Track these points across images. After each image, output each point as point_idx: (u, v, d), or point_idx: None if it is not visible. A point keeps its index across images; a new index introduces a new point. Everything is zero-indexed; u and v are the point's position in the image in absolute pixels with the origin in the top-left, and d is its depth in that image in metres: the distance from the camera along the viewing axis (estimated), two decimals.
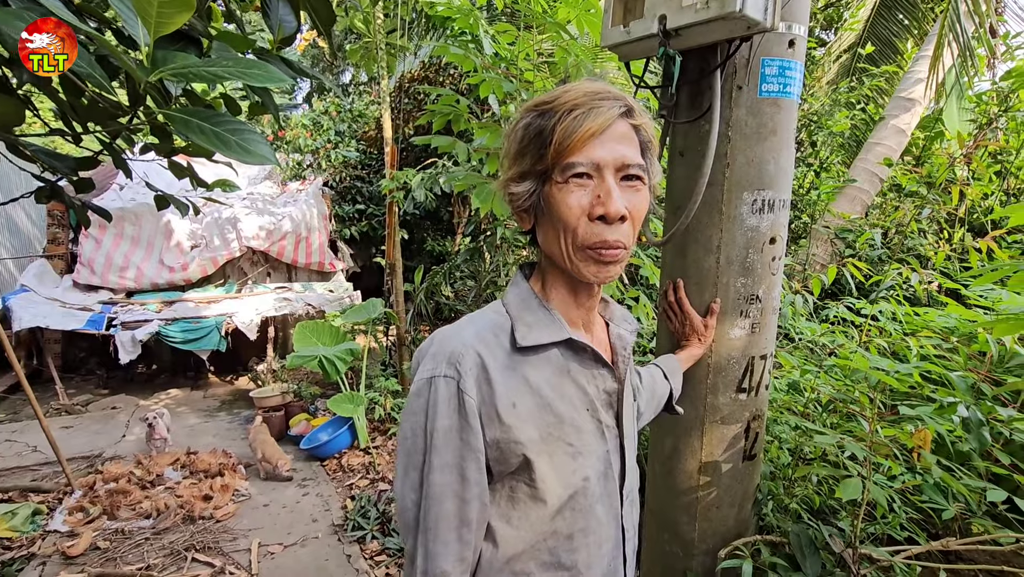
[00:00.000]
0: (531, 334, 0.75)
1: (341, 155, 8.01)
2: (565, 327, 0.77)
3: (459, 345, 0.73)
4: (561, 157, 0.70)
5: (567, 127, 0.69)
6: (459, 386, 0.70)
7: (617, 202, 0.70)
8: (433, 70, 6.86)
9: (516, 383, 0.73)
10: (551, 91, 0.75)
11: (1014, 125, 4.28)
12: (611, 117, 0.70)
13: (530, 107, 0.75)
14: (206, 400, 6.45)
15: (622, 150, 0.71)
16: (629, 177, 0.72)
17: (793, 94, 1.25)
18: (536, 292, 0.80)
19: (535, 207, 0.76)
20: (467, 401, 0.70)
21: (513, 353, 0.75)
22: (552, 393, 0.75)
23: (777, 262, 1.34)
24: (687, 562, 1.49)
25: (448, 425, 0.70)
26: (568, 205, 0.71)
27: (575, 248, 0.72)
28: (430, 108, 2.15)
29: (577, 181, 0.71)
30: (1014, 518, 1.64)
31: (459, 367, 0.71)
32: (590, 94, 0.71)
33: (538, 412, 0.74)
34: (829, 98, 5.69)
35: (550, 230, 0.74)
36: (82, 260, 6.47)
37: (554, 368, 0.76)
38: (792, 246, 4.56)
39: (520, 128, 0.75)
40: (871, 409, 1.49)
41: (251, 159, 0.74)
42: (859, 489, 1.26)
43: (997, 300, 2.01)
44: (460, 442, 0.70)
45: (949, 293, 3.04)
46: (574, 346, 0.78)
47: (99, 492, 3.65)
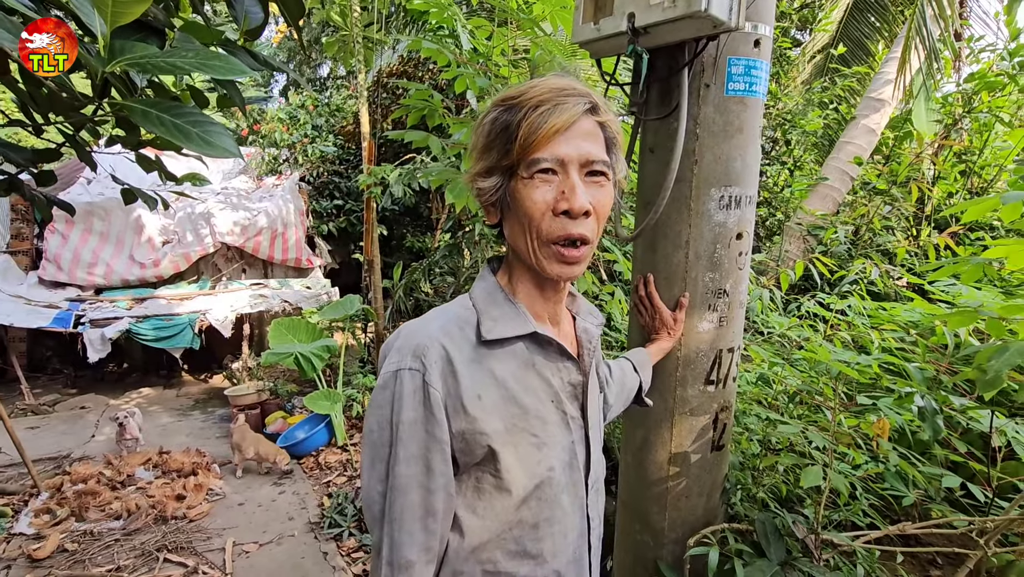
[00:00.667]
0: (496, 328, 0.76)
1: (318, 150, 7.91)
2: (530, 321, 0.78)
3: (424, 338, 0.73)
4: (526, 153, 0.71)
5: (532, 123, 0.70)
6: (424, 379, 0.71)
7: (581, 197, 0.71)
8: (412, 65, 6.80)
9: (481, 376, 0.74)
10: (518, 86, 0.76)
11: (977, 126, 4.42)
12: (576, 114, 0.71)
13: (497, 102, 0.76)
14: (179, 399, 6.33)
15: (587, 146, 0.72)
16: (594, 173, 0.73)
17: (759, 93, 1.28)
18: (502, 286, 0.80)
19: (501, 202, 0.77)
20: (432, 393, 0.71)
21: (479, 346, 0.75)
22: (517, 386, 0.76)
23: (744, 257, 1.37)
24: (657, 551, 1.52)
25: (413, 417, 0.71)
26: (533, 200, 0.72)
27: (540, 243, 0.73)
28: (404, 103, 2.14)
29: (542, 176, 0.71)
30: (969, 503, 1.71)
31: (424, 360, 0.71)
32: (556, 90, 0.72)
33: (503, 404, 0.75)
34: (803, 98, 5.81)
35: (516, 225, 0.75)
36: (48, 256, 6.28)
37: (519, 361, 0.77)
38: (767, 243, 4.66)
39: (487, 123, 0.75)
40: (835, 400, 1.54)
41: (213, 152, 0.73)
42: (820, 477, 1.30)
43: (957, 294, 2.09)
44: (425, 434, 0.71)
45: (916, 288, 3.14)
46: (539, 340, 0.79)
47: (67, 493, 3.56)
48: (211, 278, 7.16)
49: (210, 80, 0.96)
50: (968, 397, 1.84)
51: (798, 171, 5.05)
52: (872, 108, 4.44)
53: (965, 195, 4.43)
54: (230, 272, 7.31)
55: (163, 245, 6.79)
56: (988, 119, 4.25)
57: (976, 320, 1.24)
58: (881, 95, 4.40)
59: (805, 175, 4.91)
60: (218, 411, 5.76)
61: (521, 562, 0.76)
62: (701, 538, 1.42)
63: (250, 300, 6.47)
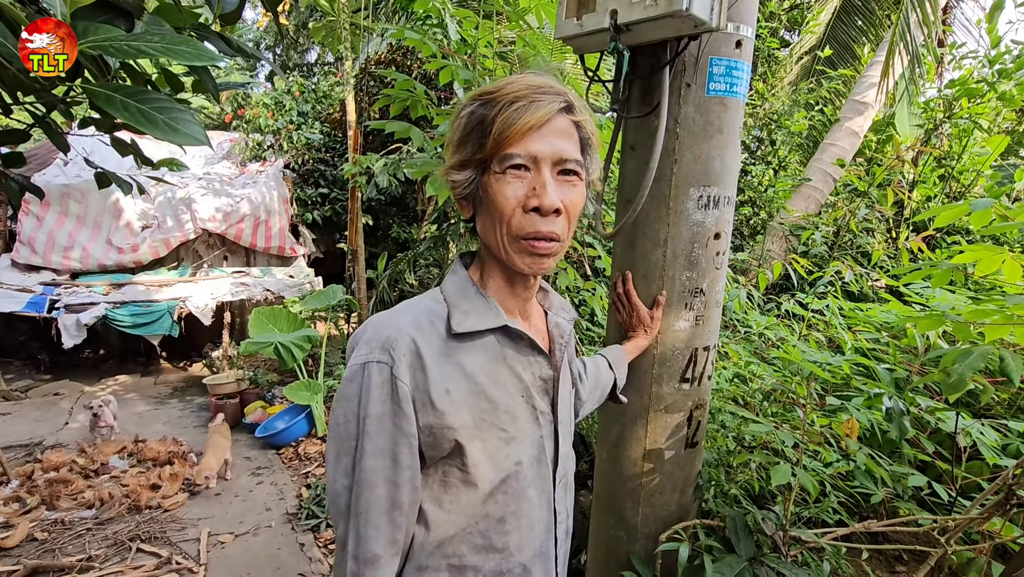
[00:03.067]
0: (467, 321, 0.76)
1: (304, 137, 7.79)
2: (502, 314, 0.78)
3: (393, 331, 0.73)
4: (500, 148, 0.71)
5: (507, 118, 0.70)
6: (392, 372, 0.70)
7: (551, 195, 0.71)
8: (401, 53, 6.72)
9: (451, 369, 0.74)
10: (497, 81, 0.76)
11: (957, 131, 4.50)
12: (550, 112, 0.71)
13: (474, 96, 0.76)
14: (157, 387, 6.24)
15: (560, 145, 0.72)
16: (566, 172, 0.73)
17: (740, 93, 1.29)
18: (474, 280, 0.80)
19: (474, 196, 0.77)
20: (400, 387, 0.70)
21: (449, 340, 0.75)
22: (487, 380, 0.76)
23: (721, 257, 1.38)
24: (630, 545, 1.53)
25: (381, 411, 0.70)
26: (504, 195, 0.72)
27: (510, 238, 0.73)
28: (386, 92, 2.11)
29: (514, 172, 0.71)
30: (936, 502, 1.75)
31: (393, 352, 0.71)
32: (532, 87, 0.72)
33: (472, 398, 0.74)
34: (790, 98, 5.85)
35: (487, 219, 0.75)
36: (21, 238, 6.12)
37: (489, 355, 0.77)
38: (750, 241, 4.70)
39: (463, 116, 0.75)
40: (808, 400, 1.57)
41: (179, 139, 0.71)
42: (789, 475, 1.32)
43: (931, 297, 2.13)
44: (393, 428, 0.70)
45: (893, 290, 3.20)
46: (510, 333, 0.79)
47: (37, 482, 3.50)
48: (192, 265, 7.05)
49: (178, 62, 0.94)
50: (937, 398, 1.89)
51: (782, 171, 5.10)
52: (856, 111, 4.49)
53: (943, 199, 4.51)
54: (211, 259, 7.20)
55: (142, 230, 6.66)
56: (967, 125, 4.33)
57: (944, 324, 1.26)
58: (865, 98, 4.45)
59: (789, 175, 4.96)
60: (196, 400, 5.69)
61: (487, 556, 0.76)
62: (672, 534, 1.44)
63: (231, 288, 6.38)
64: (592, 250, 2.67)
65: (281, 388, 5.07)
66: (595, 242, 2.68)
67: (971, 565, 1.42)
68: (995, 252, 1.19)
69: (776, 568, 1.32)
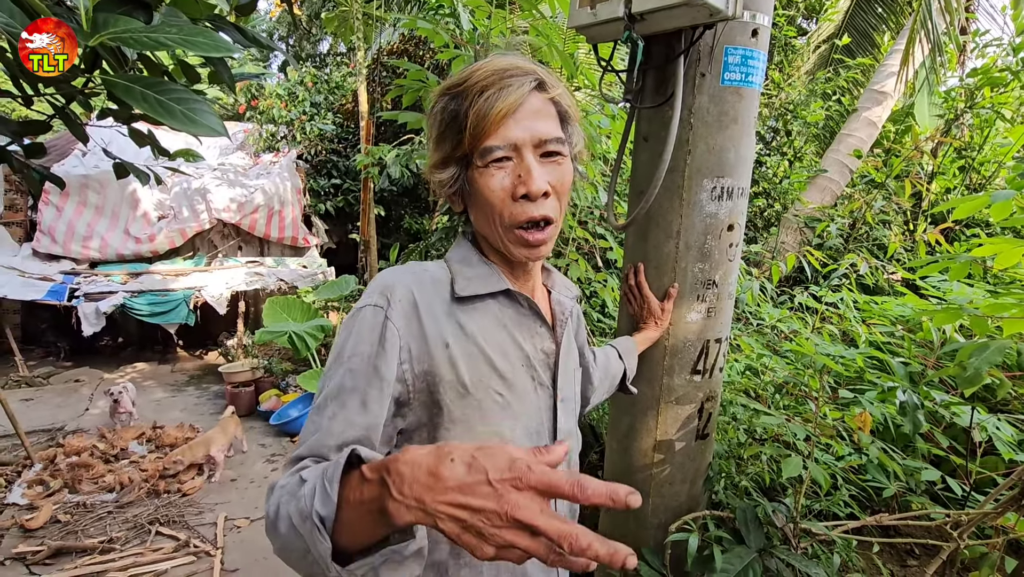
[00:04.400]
0: (471, 285, 0.76)
1: (316, 128, 7.82)
2: (504, 279, 0.78)
3: (393, 280, 0.74)
4: (478, 141, 0.70)
5: (479, 109, 0.69)
6: (386, 314, 0.71)
7: (538, 180, 0.70)
8: (412, 43, 6.70)
9: (451, 327, 0.74)
10: (461, 71, 0.74)
11: (978, 122, 4.40)
12: (522, 94, 0.70)
13: (442, 90, 0.75)
14: (174, 374, 6.35)
15: (539, 126, 0.71)
16: (549, 153, 0.73)
17: (755, 83, 1.27)
18: (477, 250, 0.81)
19: (462, 191, 0.76)
20: (389, 328, 0.70)
21: (451, 303, 0.75)
22: (487, 344, 0.76)
23: (734, 249, 1.37)
24: (640, 535, 1.54)
25: (366, 351, 0.69)
26: (491, 189, 0.71)
27: (504, 229, 0.74)
28: (399, 83, 2.11)
29: (497, 164, 0.71)
30: (949, 496, 1.74)
31: (389, 297, 0.72)
32: (499, 72, 0.70)
33: (471, 359, 0.74)
34: (806, 88, 5.76)
35: (479, 213, 0.76)
36: (42, 228, 6.24)
37: (490, 320, 0.77)
38: (763, 233, 4.66)
39: (436, 113, 0.74)
40: (821, 393, 1.56)
41: (198, 130, 0.72)
42: (800, 467, 1.32)
43: (948, 291, 2.10)
44: (370, 369, 0.69)
45: (909, 283, 3.16)
46: (512, 297, 0.79)
47: (60, 465, 3.59)
48: (207, 255, 7.13)
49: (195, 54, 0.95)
50: (952, 392, 1.87)
51: (798, 162, 5.03)
52: (874, 101, 4.40)
53: (963, 191, 4.43)
54: (226, 249, 7.28)
55: (159, 220, 6.75)
56: (990, 115, 4.23)
57: (961, 317, 1.25)
58: (884, 88, 4.36)
59: (805, 166, 4.89)
60: (212, 387, 5.79)
61: None
62: (682, 524, 1.44)
63: (246, 278, 6.46)
64: (604, 241, 2.66)
65: (295, 377, 5.14)
66: (607, 233, 2.68)
67: (984, 560, 1.41)
68: (1015, 245, 1.17)
69: (786, 559, 1.32)
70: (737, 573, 1.28)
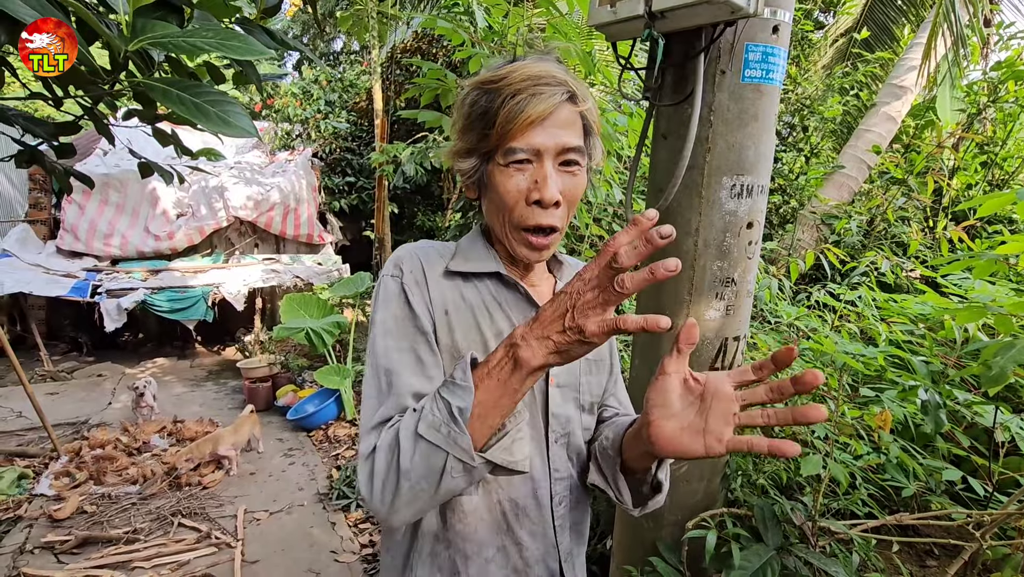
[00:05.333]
0: (466, 264, 0.82)
1: (331, 126, 7.89)
2: (500, 264, 0.83)
3: (404, 253, 0.82)
4: (503, 141, 0.73)
5: (509, 111, 0.71)
6: (402, 282, 0.78)
7: (552, 188, 0.73)
8: (426, 42, 6.73)
9: (452, 295, 0.80)
10: (498, 68, 0.76)
11: (1002, 116, 4.31)
12: (552, 104, 0.72)
13: (476, 83, 0.77)
14: (193, 369, 6.46)
15: (563, 136, 0.74)
16: (568, 163, 0.75)
17: (776, 80, 1.27)
18: (485, 237, 0.86)
19: (479, 182, 0.80)
20: (409, 292, 0.78)
21: (454, 277, 0.81)
22: (482, 316, 0.80)
23: (753, 246, 1.37)
24: (657, 532, 1.55)
25: (400, 314, 0.77)
26: (507, 188, 0.75)
27: (511, 227, 0.77)
28: (417, 82, 2.13)
29: (517, 166, 0.74)
30: (970, 497, 1.72)
31: (402, 267, 0.79)
32: (533, 78, 0.72)
33: (467, 328, 0.79)
34: (823, 83, 5.67)
35: (491, 206, 0.79)
36: (65, 226, 6.37)
37: (488, 296, 0.82)
38: (779, 230, 4.61)
39: (467, 104, 0.78)
40: (840, 392, 1.55)
41: (231, 131, 0.75)
42: (819, 465, 1.32)
43: (970, 289, 2.07)
44: (412, 328, 0.76)
45: (929, 281, 3.11)
46: (504, 281, 0.83)
47: (85, 458, 3.68)
48: (224, 252, 7.24)
49: (226, 56, 0.97)
50: (975, 392, 1.84)
51: (815, 158, 4.96)
52: (893, 95, 4.33)
53: (985, 187, 4.34)
54: (243, 246, 7.39)
55: (177, 218, 6.87)
56: (1014, 109, 4.14)
57: (985, 316, 1.23)
58: (903, 82, 4.29)
59: (822, 162, 4.83)
60: (231, 383, 5.88)
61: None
62: (700, 521, 1.45)
63: (262, 275, 6.54)
64: None
65: (311, 372, 5.20)
66: (621, 229, 2.67)
67: (1007, 561, 1.39)
68: None
69: (804, 557, 1.32)
70: (755, 570, 1.28)
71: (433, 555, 0.79)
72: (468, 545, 0.79)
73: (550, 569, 0.84)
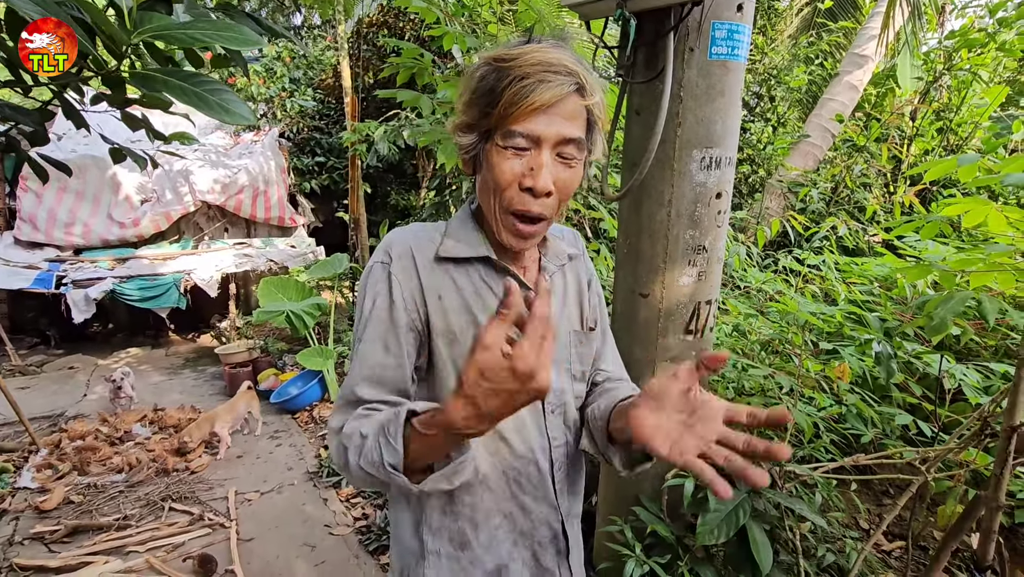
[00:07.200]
0: (455, 248, 0.83)
1: (297, 104, 7.69)
2: (489, 248, 0.83)
3: (395, 239, 0.83)
4: (504, 122, 0.73)
5: (515, 94, 0.70)
6: (389, 270, 0.80)
7: (545, 178, 0.73)
8: (392, 15, 6.58)
9: (444, 280, 0.81)
10: (514, 47, 0.76)
11: (956, 83, 4.49)
12: (559, 94, 0.71)
13: (490, 58, 0.77)
14: (169, 358, 6.37)
15: (565, 127, 0.73)
16: (566, 154, 0.75)
17: (741, 56, 1.33)
18: (475, 216, 0.87)
19: (476, 159, 0.81)
20: (394, 282, 0.79)
21: (444, 261, 0.83)
22: (473, 299, 0.82)
23: (723, 216, 1.45)
24: (639, 486, 1.67)
25: (380, 304, 0.79)
26: (502, 170, 0.74)
27: (501, 210, 0.78)
28: (393, 61, 2.13)
29: (515, 150, 0.73)
30: (921, 440, 1.89)
31: (391, 253, 0.80)
32: (544, 64, 0.71)
33: (459, 310, 0.81)
34: (789, 52, 5.78)
35: (484, 184, 0.80)
36: (22, 216, 6.13)
37: (478, 279, 0.83)
38: (748, 199, 4.75)
39: (476, 77, 0.77)
40: (803, 348, 1.67)
41: (231, 119, 0.78)
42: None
43: (924, 249, 2.22)
44: (388, 319, 0.79)
45: (888, 244, 3.28)
46: (494, 265, 0.84)
47: (66, 450, 3.65)
48: (193, 237, 7.07)
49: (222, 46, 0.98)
50: (926, 344, 2.00)
51: (781, 128, 5.09)
52: (855, 64, 4.46)
53: (941, 152, 4.54)
54: (212, 231, 7.22)
55: (142, 204, 6.65)
56: (967, 76, 4.31)
57: (931, 272, 1.35)
58: (865, 51, 4.42)
59: (788, 132, 4.96)
60: (209, 369, 5.83)
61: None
62: (678, 472, 1.56)
63: (235, 259, 6.43)
64: (595, 212, 2.73)
65: (291, 355, 5.20)
66: (598, 204, 2.74)
67: (950, 493, 1.55)
68: (982, 204, 1.27)
69: (772, 498, 1.44)
70: (728, 512, 1.41)
71: (442, 526, 0.84)
72: (477, 514, 0.84)
73: (553, 529, 0.90)
